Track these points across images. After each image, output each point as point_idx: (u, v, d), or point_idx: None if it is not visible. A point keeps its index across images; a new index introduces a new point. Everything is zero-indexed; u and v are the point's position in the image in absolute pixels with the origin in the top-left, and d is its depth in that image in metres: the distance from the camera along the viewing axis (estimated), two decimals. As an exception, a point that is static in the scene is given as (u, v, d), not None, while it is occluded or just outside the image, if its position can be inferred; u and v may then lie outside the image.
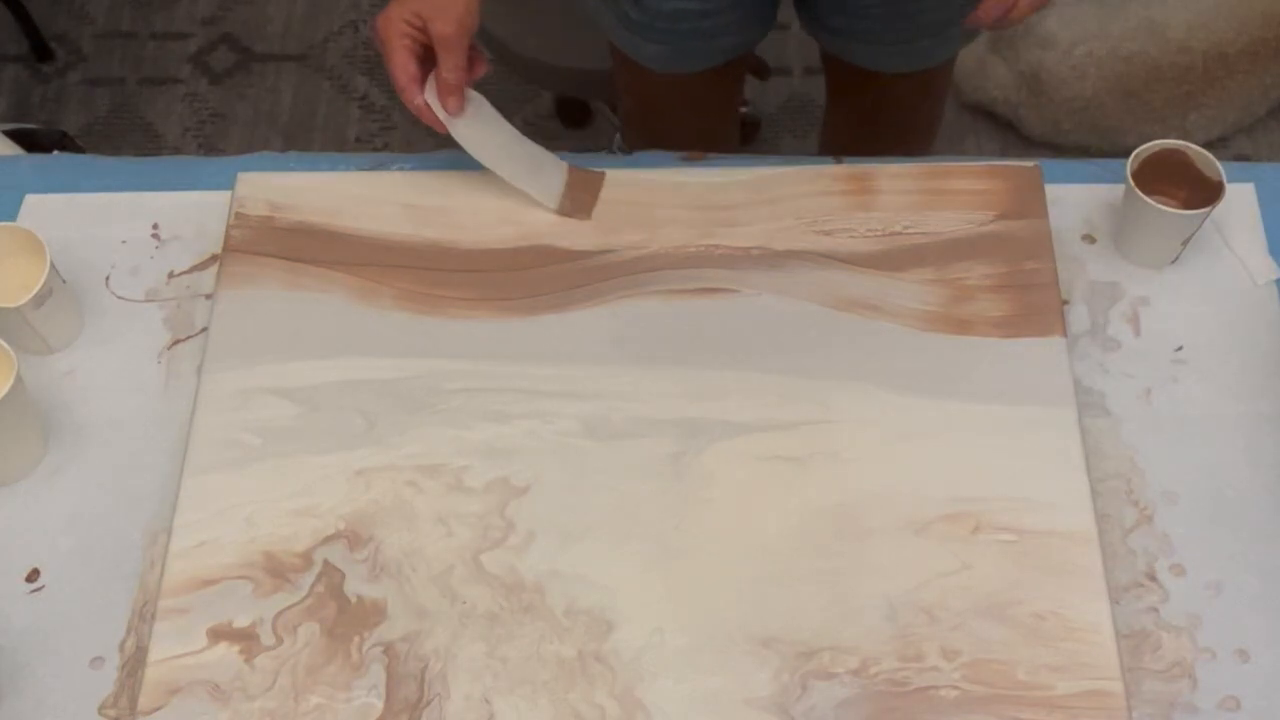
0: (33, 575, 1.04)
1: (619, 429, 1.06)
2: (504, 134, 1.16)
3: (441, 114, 1.11)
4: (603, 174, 1.18)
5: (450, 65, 1.09)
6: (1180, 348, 1.11)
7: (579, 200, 1.17)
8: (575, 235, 1.15)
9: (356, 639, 0.99)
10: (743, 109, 2.19)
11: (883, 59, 1.39)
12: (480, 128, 1.14)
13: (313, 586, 1.01)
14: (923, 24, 1.33)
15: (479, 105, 1.14)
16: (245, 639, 0.99)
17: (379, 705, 0.96)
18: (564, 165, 1.18)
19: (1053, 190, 1.16)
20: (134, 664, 1.00)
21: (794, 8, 1.39)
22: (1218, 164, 1.09)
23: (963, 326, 1.10)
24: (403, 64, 1.09)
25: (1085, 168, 1.20)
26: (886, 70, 1.40)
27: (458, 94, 1.10)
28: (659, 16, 1.32)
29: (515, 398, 1.08)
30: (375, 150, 2.20)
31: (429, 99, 1.11)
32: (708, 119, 1.52)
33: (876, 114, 1.50)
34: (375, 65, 2.33)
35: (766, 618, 0.98)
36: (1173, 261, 1.13)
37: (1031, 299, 1.10)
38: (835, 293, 1.12)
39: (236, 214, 1.17)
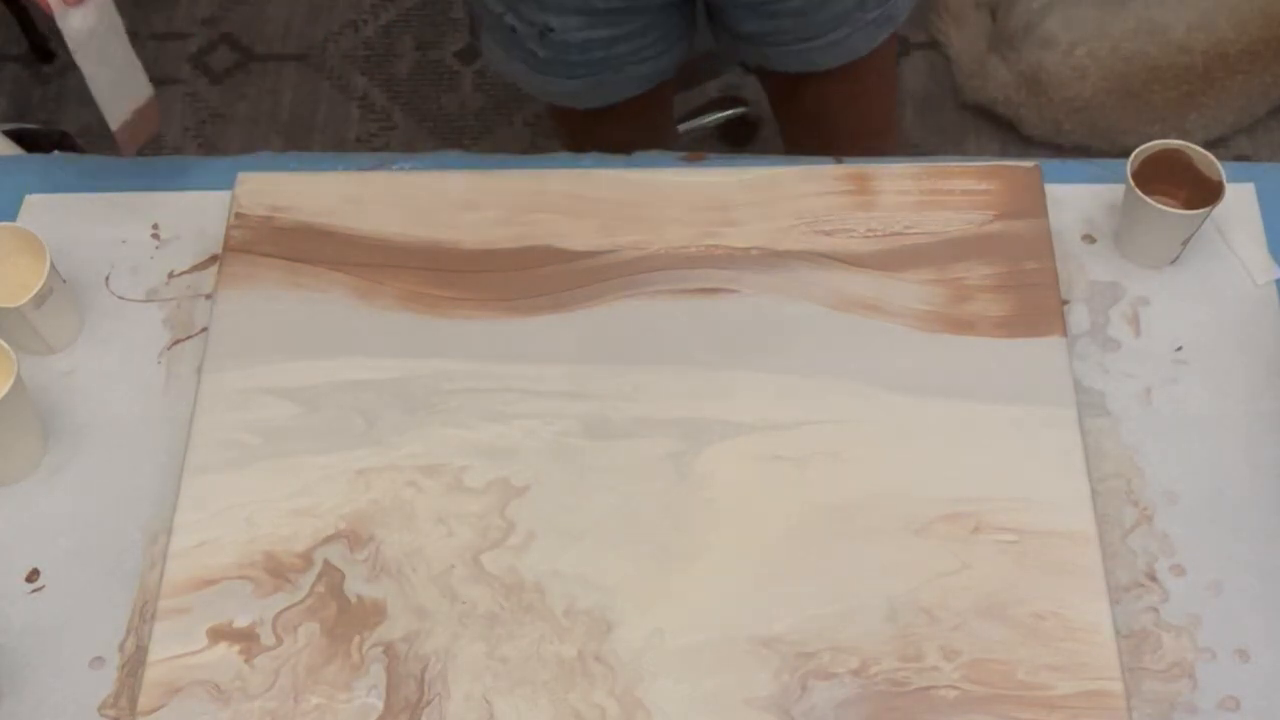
0: (33, 575, 1.04)
1: (619, 429, 1.06)
2: (112, 43, 1.12)
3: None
4: (158, 123, 1.20)
5: None
6: (1180, 348, 1.11)
7: (135, 131, 1.17)
8: (576, 235, 1.15)
9: (356, 639, 0.99)
10: (743, 109, 2.20)
11: (797, 59, 1.36)
12: (92, 27, 1.09)
13: (313, 586, 1.01)
14: (828, 16, 1.30)
15: (102, 6, 1.09)
16: (245, 639, 0.99)
17: (379, 705, 0.96)
18: (148, 95, 1.17)
19: (1053, 190, 1.16)
20: (134, 664, 1.00)
21: (709, 28, 1.37)
22: (1218, 164, 1.09)
23: (963, 326, 1.10)
24: None
25: (1085, 168, 1.20)
26: (806, 70, 1.38)
27: None
28: (570, 49, 1.30)
29: (515, 398, 1.08)
30: (375, 150, 2.20)
31: None
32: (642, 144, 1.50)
33: (819, 120, 1.48)
34: (375, 65, 2.33)
35: (766, 618, 0.98)
36: (1173, 262, 1.13)
37: (1031, 299, 1.10)
38: (835, 293, 1.12)
39: (236, 214, 1.17)
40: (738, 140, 2.21)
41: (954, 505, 1.02)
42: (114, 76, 1.14)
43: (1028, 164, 1.17)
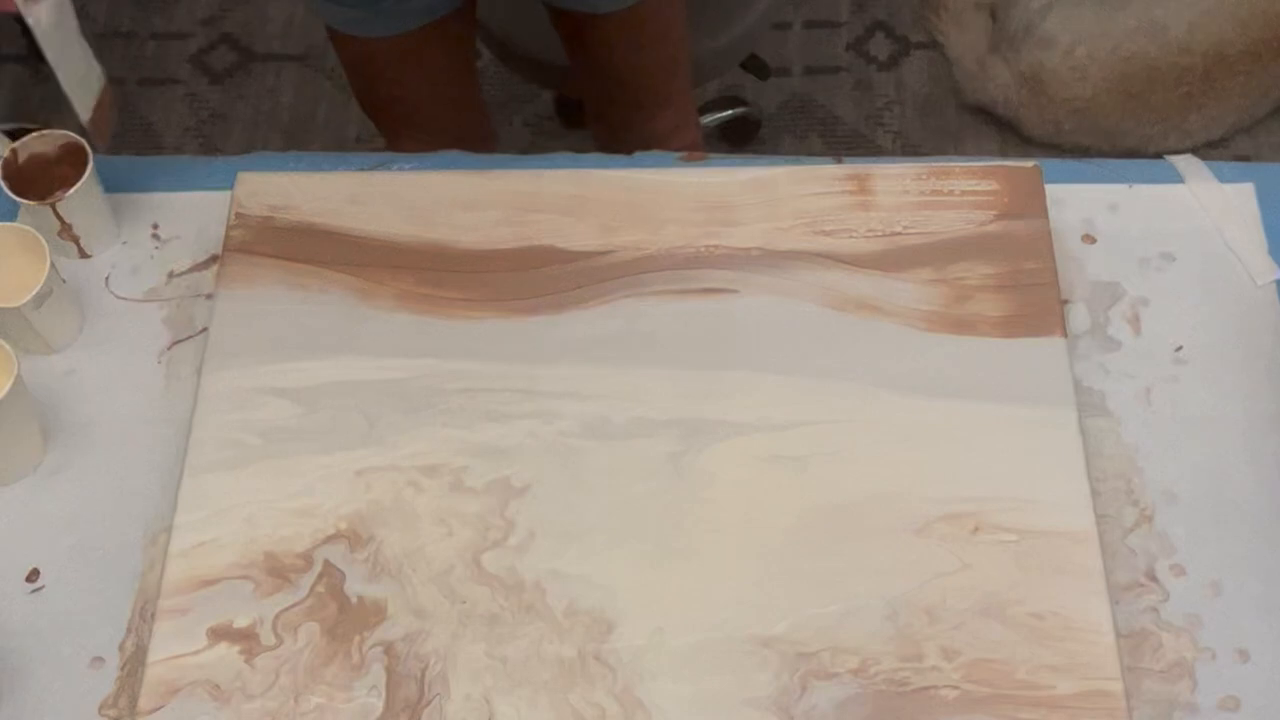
0: (33, 575, 1.04)
1: (619, 429, 1.06)
2: (71, 36, 1.13)
3: None
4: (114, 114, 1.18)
5: None
6: (1180, 348, 1.11)
7: (100, 121, 1.16)
8: (576, 235, 1.15)
9: (356, 639, 0.99)
10: (743, 109, 2.20)
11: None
12: (54, 20, 1.11)
13: (313, 586, 1.01)
14: None
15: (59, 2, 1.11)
16: (245, 639, 0.99)
17: (379, 705, 0.96)
18: (103, 82, 1.16)
19: (1053, 190, 1.16)
20: (134, 664, 1.00)
21: None
22: None
23: (963, 326, 1.10)
24: None
25: (1085, 168, 1.20)
26: (588, 10, 1.40)
27: None
28: None
29: (515, 398, 1.08)
30: (375, 150, 2.19)
31: None
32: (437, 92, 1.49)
33: (609, 64, 1.50)
34: (375, 65, 2.32)
35: (766, 618, 0.98)
36: None
37: (1031, 299, 1.10)
38: (835, 293, 1.12)
39: (236, 214, 1.17)
40: (738, 140, 2.21)
41: (954, 505, 1.02)
42: (78, 69, 1.14)
43: (1028, 164, 1.17)
